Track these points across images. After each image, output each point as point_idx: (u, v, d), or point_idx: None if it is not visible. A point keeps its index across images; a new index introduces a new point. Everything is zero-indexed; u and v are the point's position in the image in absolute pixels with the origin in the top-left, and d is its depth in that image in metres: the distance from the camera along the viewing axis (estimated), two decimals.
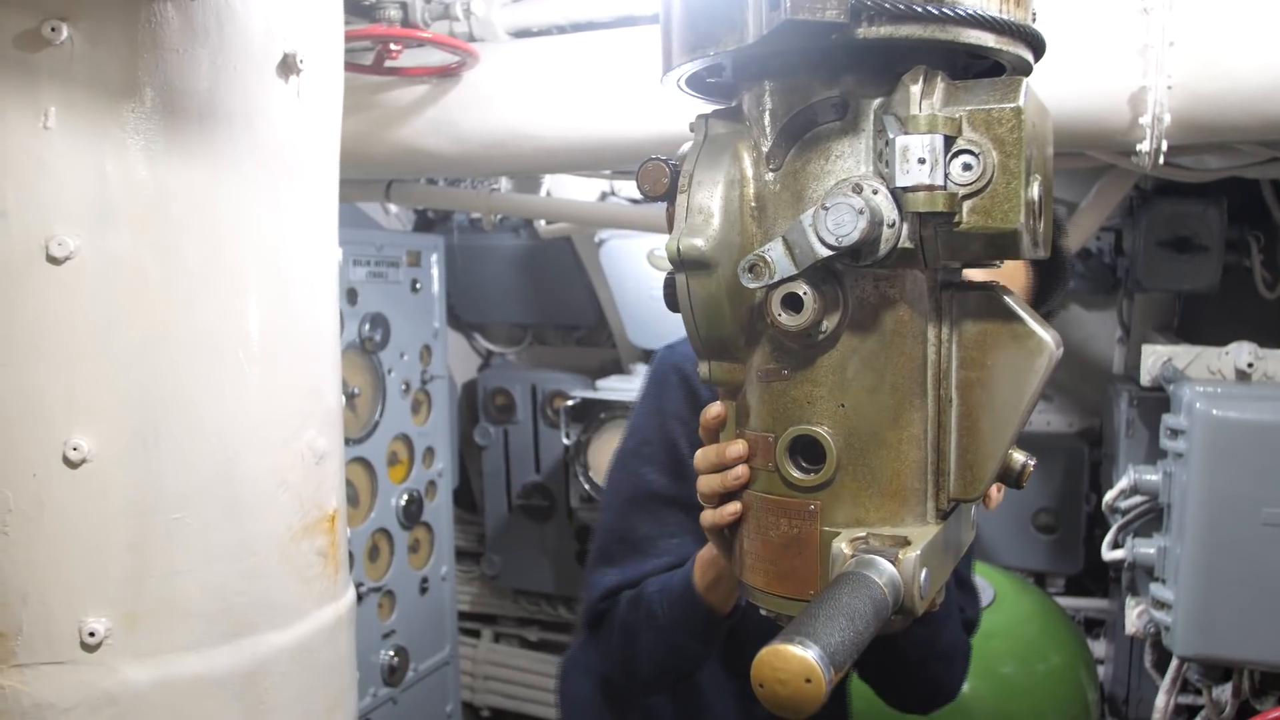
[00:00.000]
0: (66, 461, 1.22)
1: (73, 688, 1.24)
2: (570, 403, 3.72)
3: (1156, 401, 2.75)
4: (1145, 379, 2.72)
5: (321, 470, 1.46)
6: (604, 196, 3.55)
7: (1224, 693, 2.71)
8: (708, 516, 1.10)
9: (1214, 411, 2.38)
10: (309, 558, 1.45)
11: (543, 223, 3.56)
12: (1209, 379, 2.61)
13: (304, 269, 1.44)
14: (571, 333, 4.61)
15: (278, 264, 1.39)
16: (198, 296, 1.29)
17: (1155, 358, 2.69)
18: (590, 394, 3.74)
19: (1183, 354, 2.67)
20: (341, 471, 1.56)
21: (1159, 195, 3.01)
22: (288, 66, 1.37)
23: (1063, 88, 1.90)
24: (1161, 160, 1.94)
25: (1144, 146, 1.91)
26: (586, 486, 3.61)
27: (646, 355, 4.02)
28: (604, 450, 3.59)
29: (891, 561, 0.89)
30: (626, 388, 3.74)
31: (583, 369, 4.27)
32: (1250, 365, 2.58)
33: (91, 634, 1.24)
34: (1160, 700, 2.78)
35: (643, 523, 1.62)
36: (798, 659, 0.70)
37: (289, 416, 1.42)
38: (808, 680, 0.69)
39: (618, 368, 4.21)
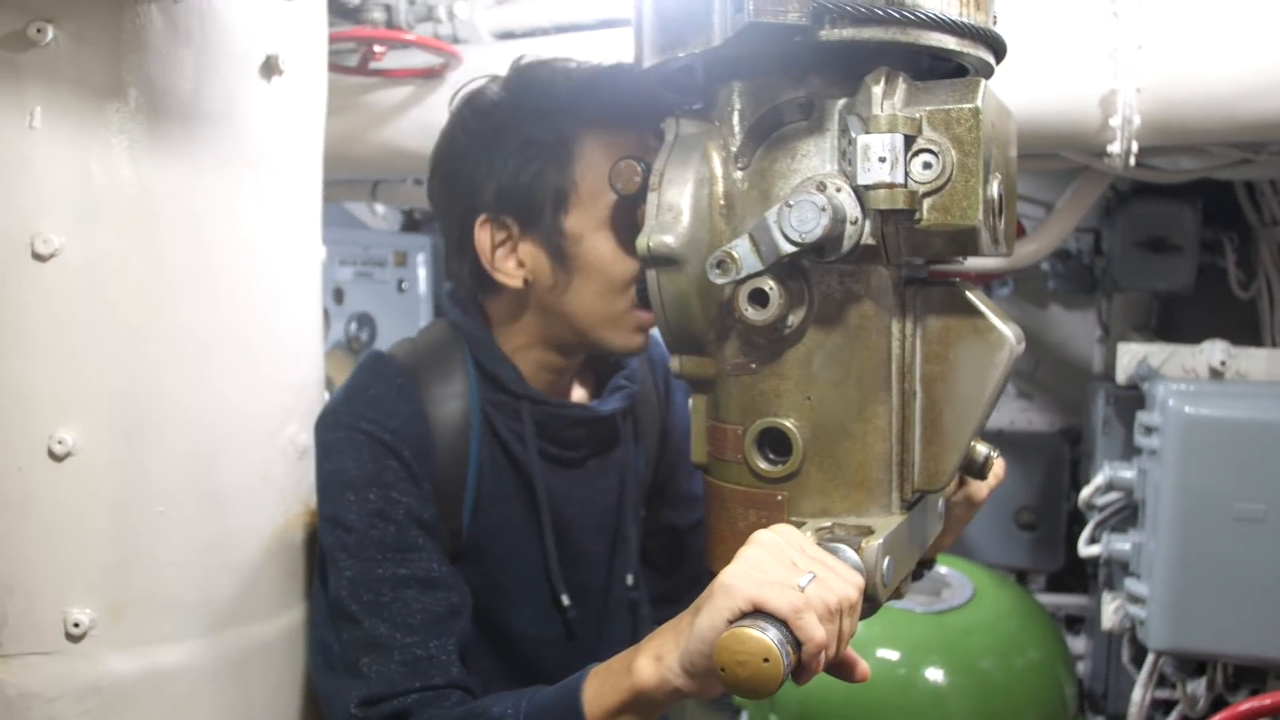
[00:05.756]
0: (51, 455, 1.24)
1: (58, 678, 1.26)
2: None
3: (1132, 399, 2.78)
4: (1121, 377, 2.75)
5: (304, 465, 1.48)
6: None
7: (1198, 686, 2.75)
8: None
9: (1186, 409, 2.41)
10: (292, 551, 1.47)
11: None
12: (1183, 377, 2.65)
13: (286, 266, 1.47)
14: None
15: (260, 261, 1.41)
16: (181, 293, 1.31)
17: (1131, 356, 2.72)
18: None
19: (1157, 352, 2.70)
20: None
21: (1135, 196, 3.04)
22: (270, 68, 1.39)
23: (1035, 90, 1.93)
24: (1133, 162, 1.97)
25: (1115, 148, 1.94)
26: None
27: None
28: None
29: (855, 549, 0.92)
30: None
31: None
32: (1223, 363, 2.62)
33: (76, 625, 1.25)
34: (1137, 694, 2.82)
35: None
36: (755, 640, 0.72)
37: (272, 412, 1.44)
38: (765, 660, 0.72)
39: None
